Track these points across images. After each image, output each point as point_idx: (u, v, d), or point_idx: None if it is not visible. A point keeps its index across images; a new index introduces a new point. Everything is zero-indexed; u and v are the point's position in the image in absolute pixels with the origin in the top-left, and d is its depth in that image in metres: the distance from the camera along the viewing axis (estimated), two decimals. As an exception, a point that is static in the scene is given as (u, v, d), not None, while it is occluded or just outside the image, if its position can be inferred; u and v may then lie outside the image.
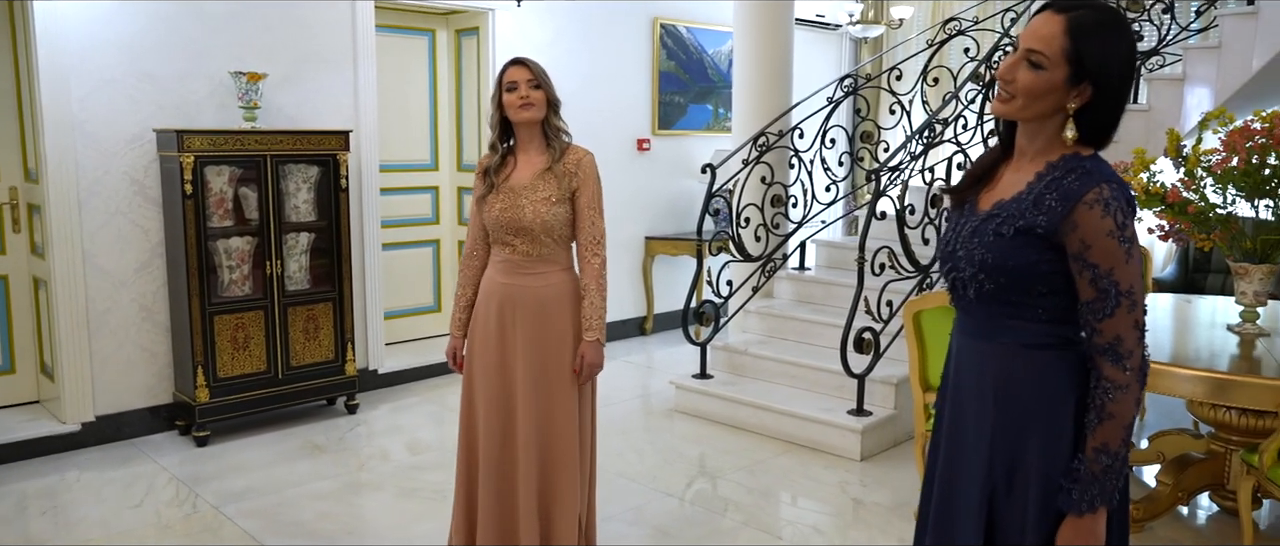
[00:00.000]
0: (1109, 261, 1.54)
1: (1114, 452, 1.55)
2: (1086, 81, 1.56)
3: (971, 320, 1.72)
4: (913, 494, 3.81)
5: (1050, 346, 1.63)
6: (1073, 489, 1.57)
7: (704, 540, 3.43)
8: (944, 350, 3.33)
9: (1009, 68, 1.62)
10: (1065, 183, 1.58)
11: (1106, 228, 1.53)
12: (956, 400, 1.75)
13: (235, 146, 4.33)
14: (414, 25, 5.72)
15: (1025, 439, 1.63)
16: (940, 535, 1.76)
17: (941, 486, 1.77)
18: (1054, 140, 1.64)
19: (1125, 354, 1.55)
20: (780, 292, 5.47)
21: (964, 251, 1.68)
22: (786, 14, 5.49)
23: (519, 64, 2.74)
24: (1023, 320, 1.64)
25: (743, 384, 4.87)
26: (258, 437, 4.49)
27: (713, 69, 6.97)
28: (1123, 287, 1.54)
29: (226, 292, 4.43)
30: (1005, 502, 1.66)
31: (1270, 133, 3.29)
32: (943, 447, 1.78)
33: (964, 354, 1.75)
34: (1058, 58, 1.56)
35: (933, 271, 4.56)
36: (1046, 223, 1.57)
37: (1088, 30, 1.55)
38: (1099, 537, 1.58)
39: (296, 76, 4.83)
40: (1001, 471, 1.66)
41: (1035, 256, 1.59)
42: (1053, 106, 1.59)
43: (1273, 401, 2.85)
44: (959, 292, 1.72)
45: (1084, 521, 1.57)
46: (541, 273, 2.75)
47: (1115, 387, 1.55)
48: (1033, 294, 1.61)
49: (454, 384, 5.44)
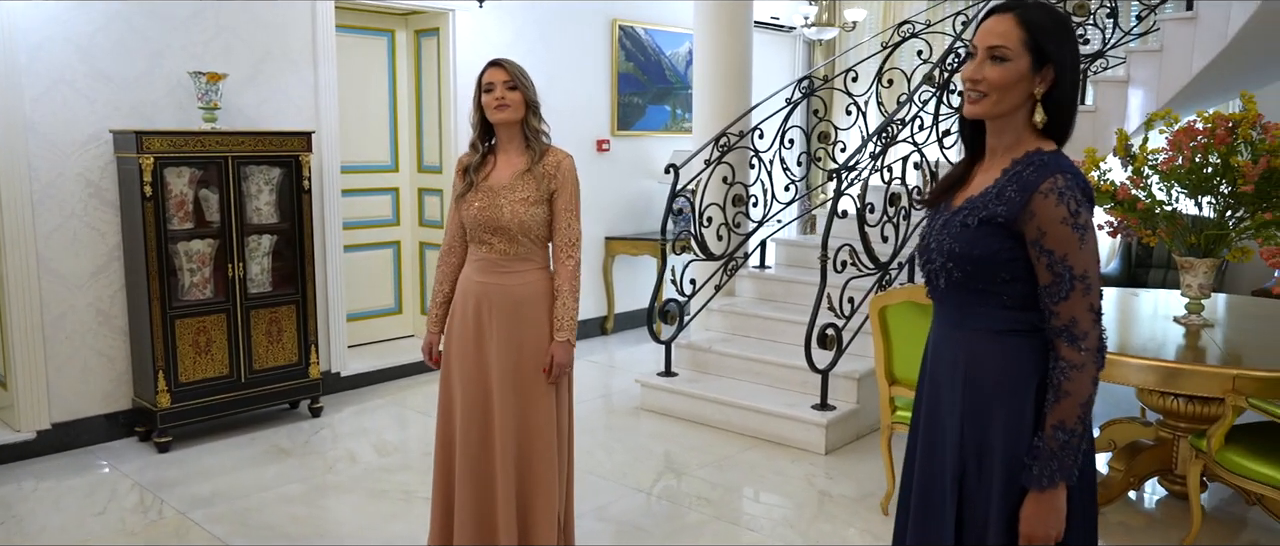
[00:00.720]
0: (1063, 247, 1.63)
1: (1070, 429, 1.64)
2: (1049, 65, 1.68)
3: (944, 310, 1.81)
4: (878, 485, 3.91)
5: (1015, 332, 1.71)
6: (1033, 465, 1.66)
7: (676, 535, 3.49)
8: (909, 344, 3.44)
9: (974, 69, 1.72)
10: (1024, 174, 1.68)
11: (1060, 215, 1.62)
12: (934, 388, 1.83)
13: (196, 147, 4.27)
14: (373, 26, 5.69)
15: (991, 420, 1.72)
16: (921, 519, 1.83)
17: (922, 472, 1.84)
18: (1022, 134, 1.73)
19: (1080, 335, 1.63)
20: (742, 290, 5.55)
21: (935, 244, 1.78)
22: (745, 15, 5.58)
23: (496, 65, 2.76)
24: (989, 307, 1.72)
25: (707, 381, 4.93)
26: (221, 442, 4.43)
27: (671, 70, 7.04)
28: (1076, 272, 1.63)
29: (187, 296, 4.37)
30: (975, 483, 1.74)
31: (1212, 133, 3.45)
32: (921, 435, 1.86)
33: (940, 343, 1.83)
34: (1019, 48, 1.67)
35: (891, 268, 4.68)
36: (1006, 212, 1.67)
37: (1040, 21, 1.68)
38: (1059, 512, 1.66)
39: (256, 77, 4.77)
40: (971, 452, 1.74)
41: (997, 245, 1.68)
42: (1022, 95, 1.70)
43: (1220, 388, 3.00)
44: (933, 283, 1.81)
45: (1045, 496, 1.65)
46: (518, 272, 2.78)
47: (1071, 367, 1.63)
48: (997, 281, 1.70)
49: (417, 385, 5.43)
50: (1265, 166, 3.30)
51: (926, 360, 1.89)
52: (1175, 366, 3.13)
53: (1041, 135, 1.73)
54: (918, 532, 1.83)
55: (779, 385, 4.75)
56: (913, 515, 1.85)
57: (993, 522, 1.70)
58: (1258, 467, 2.98)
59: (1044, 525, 1.65)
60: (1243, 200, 3.43)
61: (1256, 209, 3.43)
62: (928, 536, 1.81)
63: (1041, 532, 1.66)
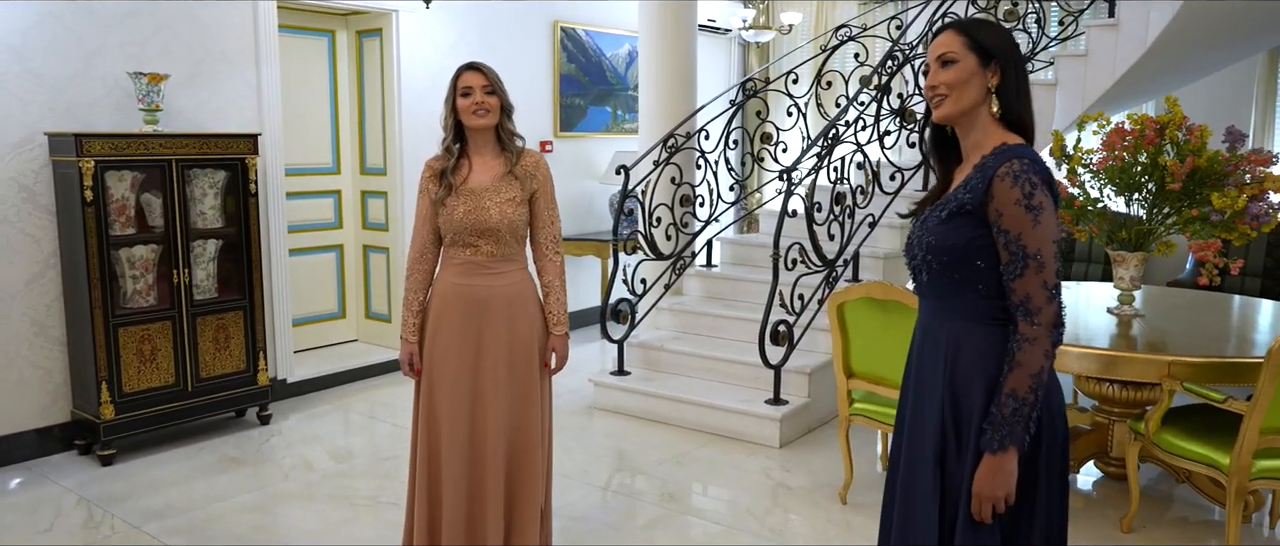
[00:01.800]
0: (1017, 226, 1.75)
1: (1022, 398, 1.75)
2: (994, 60, 1.84)
3: (929, 301, 1.93)
4: (835, 476, 4.03)
5: (992, 320, 1.83)
6: (987, 429, 1.78)
7: (644, 530, 3.54)
8: (866, 339, 3.56)
9: (931, 78, 1.88)
10: (986, 163, 1.81)
11: (1015, 197, 1.75)
12: (919, 374, 1.93)
13: (139, 150, 4.15)
14: (313, 25, 5.59)
15: (970, 400, 1.83)
16: (906, 495, 1.93)
17: (908, 452, 1.94)
18: (988, 129, 1.87)
19: (1034, 310, 1.75)
20: (689, 289, 5.63)
21: (917, 240, 1.91)
22: (690, 18, 5.67)
23: (473, 69, 2.77)
24: (968, 296, 1.85)
25: (660, 379, 5.00)
26: (167, 453, 4.31)
27: (611, 72, 7.09)
28: (1030, 250, 1.74)
29: (130, 303, 4.24)
30: (954, 459, 1.86)
31: (1141, 134, 3.67)
32: (907, 419, 1.96)
33: (926, 332, 1.93)
34: (963, 51, 1.85)
35: (837, 265, 4.82)
36: (971, 199, 1.80)
37: (976, 26, 1.88)
38: (1010, 474, 1.78)
39: (197, 77, 4.65)
40: (950, 430, 1.86)
41: (969, 233, 1.81)
42: (978, 91, 1.85)
43: (1156, 374, 3.19)
44: (917, 277, 1.93)
45: (996, 459, 1.77)
46: (505, 272, 2.79)
47: (1025, 340, 1.75)
48: (972, 269, 1.82)
49: (365, 390, 5.36)
50: (1191, 166, 3.52)
51: (913, 350, 2.00)
52: (1114, 354, 3.32)
53: (1007, 129, 1.86)
54: (903, 509, 1.93)
55: (731, 381, 4.85)
56: (898, 493, 1.95)
57: (966, 492, 1.82)
58: (1192, 447, 3.18)
59: (993, 485, 1.77)
60: (1169, 198, 3.66)
61: (1182, 206, 3.66)
62: (912, 512, 1.91)
63: (990, 492, 1.78)
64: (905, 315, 3.38)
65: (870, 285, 3.48)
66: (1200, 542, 3.47)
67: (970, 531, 1.84)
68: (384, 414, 4.95)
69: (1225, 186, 3.48)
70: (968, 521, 1.84)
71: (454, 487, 2.77)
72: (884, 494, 2.07)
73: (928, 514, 1.87)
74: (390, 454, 4.32)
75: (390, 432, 4.64)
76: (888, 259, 5.19)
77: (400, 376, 5.66)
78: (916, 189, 5.39)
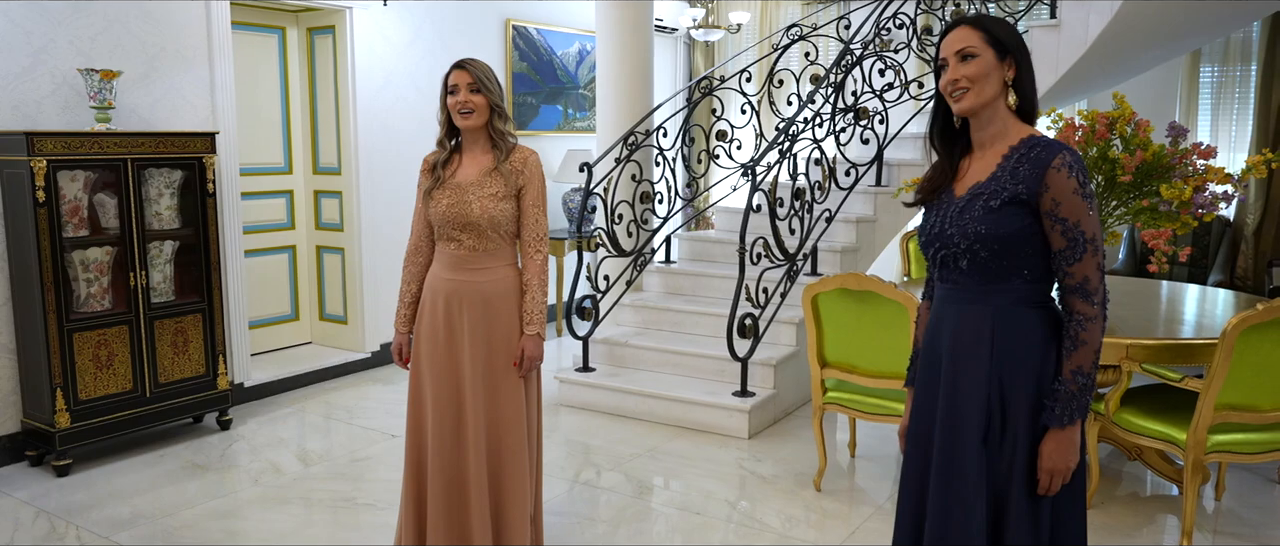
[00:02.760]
0: (1075, 214, 1.84)
1: (1087, 373, 1.86)
2: (1010, 55, 1.92)
3: (963, 289, 1.97)
4: (804, 463, 4.13)
5: (1034, 305, 1.92)
6: (1055, 406, 1.87)
7: (630, 522, 3.58)
8: (839, 329, 3.65)
9: (952, 72, 1.94)
10: (1032, 155, 1.89)
11: (1072, 187, 1.84)
12: (955, 362, 1.98)
13: (94, 150, 4.01)
14: (262, 22, 5.47)
15: (1016, 380, 1.91)
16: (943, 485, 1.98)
17: (945, 440, 1.99)
18: (1007, 122, 1.95)
19: (1092, 291, 1.85)
20: (649, 285, 5.68)
21: (955, 229, 1.94)
22: (647, 17, 5.72)
23: (460, 68, 2.76)
24: (1011, 282, 1.92)
25: (626, 374, 5.04)
26: (126, 462, 4.18)
27: (562, 70, 7.10)
28: (1088, 235, 1.85)
29: (84, 308, 4.10)
30: (997, 439, 1.93)
31: (1092, 129, 3.85)
32: (940, 407, 2.01)
33: (961, 319, 1.97)
34: (982, 45, 1.91)
35: (798, 259, 4.92)
36: (1026, 189, 1.87)
37: (991, 21, 1.95)
38: (1076, 445, 1.88)
39: (149, 75, 4.52)
40: (996, 409, 1.92)
41: (1021, 222, 1.88)
42: (997, 84, 1.92)
43: (1116, 356, 3.36)
44: (950, 266, 1.97)
45: (1065, 433, 1.87)
46: (487, 268, 2.80)
47: (1086, 319, 1.86)
48: (1020, 256, 1.90)
49: (322, 393, 5.28)
50: (1140, 159, 3.71)
51: (933, 340, 2.05)
52: (1074, 339, 3.48)
53: (1022, 121, 1.95)
54: (943, 495, 1.96)
55: (696, 375, 4.91)
56: (935, 480, 1.99)
57: (1019, 466, 1.90)
58: (1149, 424, 3.35)
59: (1064, 458, 1.87)
60: (1118, 190, 3.84)
61: (1130, 197, 3.85)
62: (955, 497, 1.94)
63: (1061, 465, 1.87)
64: (879, 305, 3.49)
65: (845, 277, 3.57)
66: (1154, 515, 3.66)
67: (1029, 505, 1.91)
68: (347, 416, 4.88)
69: (1172, 178, 3.68)
70: (1026, 496, 1.91)
71: (437, 479, 2.78)
72: (901, 484, 2.11)
73: (975, 496, 1.92)
74: (360, 456, 4.27)
75: (356, 434, 4.58)
76: (845, 252, 5.32)
77: (359, 378, 5.61)
78: (869, 185, 5.55)
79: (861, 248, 5.45)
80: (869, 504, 3.75)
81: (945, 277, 2.02)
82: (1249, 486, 3.87)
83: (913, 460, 2.10)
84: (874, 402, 3.68)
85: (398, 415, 4.87)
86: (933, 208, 2.04)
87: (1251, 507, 3.68)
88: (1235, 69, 6.53)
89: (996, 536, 1.97)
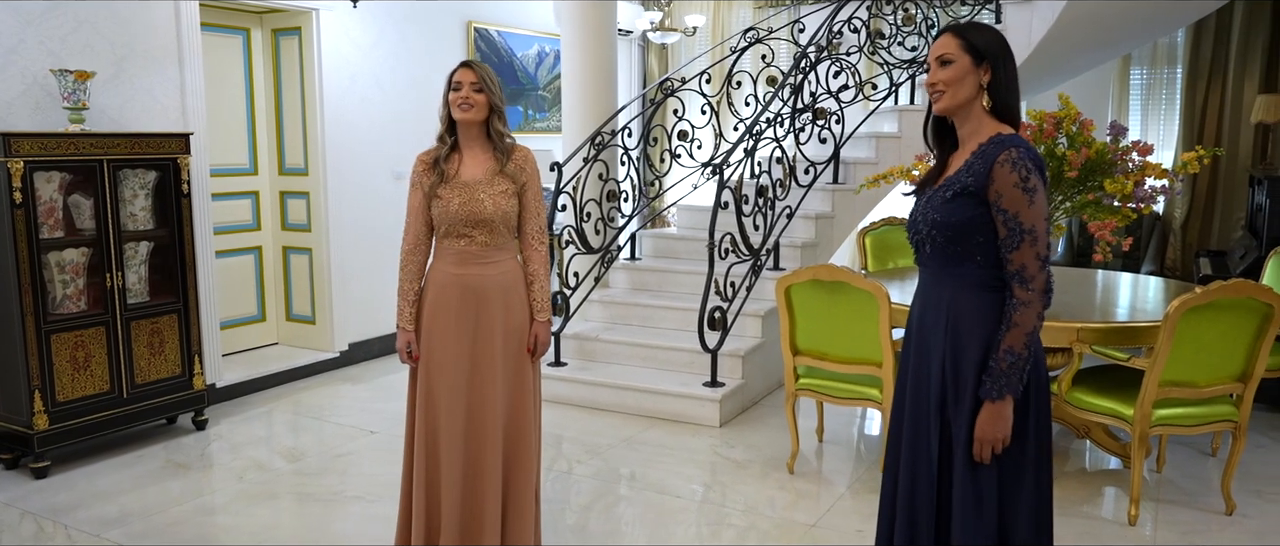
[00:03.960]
0: (1015, 206, 2.03)
1: (1017, 353, 2.05)
2: (986, 60, 2.11)
3: (930, 270, 2.19)
4: (775, 449, 4.32)
5: (987, 287, 2.11)
6: (987, 381, 2.07)
7: (614, 507, 3.72)
8: (811, 319, 3.85)
9: (931, 76, 2.15)
10: (987, 151, 2.09)
11: (1013, 180, 2.03)
12: (922, 336, 2.19)
13: (70, 151, 4.01)
14: (226, 23, 5.47)
15: (968, 355, 2.11)
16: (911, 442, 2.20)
17: (912, 405, 2.20)
18: (982, 121, 2.14)
19: (1028, 278, 2.04)
20: (616, 282, 5.82)
21: (922, 217, 2.16)
22: (611, 20, 5.86)
23: (466, 67, 2.86)
24: (966, 267, 2.12)
25: (597, 368, 5.17)
26: (105, 463, 4.18)
27: (522, 72, 7.20)
28: (1026, 226, 2.03)
29: (61, 309, 4.09)
30: (953, 408, 2.14)
31: (1041, 129, 4.10)
32: (910, 376, 2.22)
33: (927, 298, 2.20)
34: (958, 52, 2.11)
35: (762, 253, 5.11)
36: (974, 182, 2.07)
37: (971, 29, 2.15)
38: (1006, 420, 2.07)
39: (120, 76, 4.52)
40: (950, 382, 2.13)
41: (971, 211, 2.07)
42: (972, 87, 2.12)
43: (1067, 339, 3.61)
44: (921, 250, 2.19)
45: (995, 406, 2.06)
46: (498, 261, 2.90)
47: (1020, 303, 2.05)
48: (972, 243, 2.09)
49: (292, 393, 5.31)
50: (1085, 156, 3.98)
51: (913, 316, 2.26)
52: (1028, 324, 3.72)
53: (998, 120, 2.14)
54: (910, 452, 2.19)
55: (666, 367, 5.07)
56: (904, 441, 2.21)
57: (960, 437, 2.11)
58: (1099, 402, 3.61)
59: (993, 429, 2.06)
60: (1065, 185, 4.11)
61: (1076, 192, 4.12)
62: (918, 456, 2.17)
63: (990, 435, 2.07)
64: (851, 295, 3.69)
65: (817, 268, 3.76)
66: (1102, 487, 3.93)
67: (969, 472, 2.11)
68: (321, 414, 4.93)
69: (1114, 173, 3.95)
70: (966, 463, 2.11)
71: (452, 471, 2.86)
72: (886, 451, 2.31)
73: (930, 454, 2.14)
74: (341, 452, 4.33)
75: (334, 432, 4.63)
76: (805, 247, 5.53)
77: (329, 378, 5.65)
78: (827, 183, 5.77)
79: (820, 243, 5.67)
80: (840, 484, 3.95)
81: (919, 261, 2.24)
82: (1185, 458, 4.17)
83: (894, 421, 2.32)
84: (845, 388, 3.88)
85: (373, 412, 4.94)
86: (919, 199, 2.24)
87: (1189, 477, 3.97)
88: (1162, 72, 6.93)
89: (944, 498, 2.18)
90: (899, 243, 5.48)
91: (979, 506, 2.10)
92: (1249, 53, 6.55)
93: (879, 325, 3.65)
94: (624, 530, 3.53)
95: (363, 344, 5.99)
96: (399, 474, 3.96)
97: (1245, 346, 3.40)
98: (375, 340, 6.07)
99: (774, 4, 7.99)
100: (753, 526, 3.53)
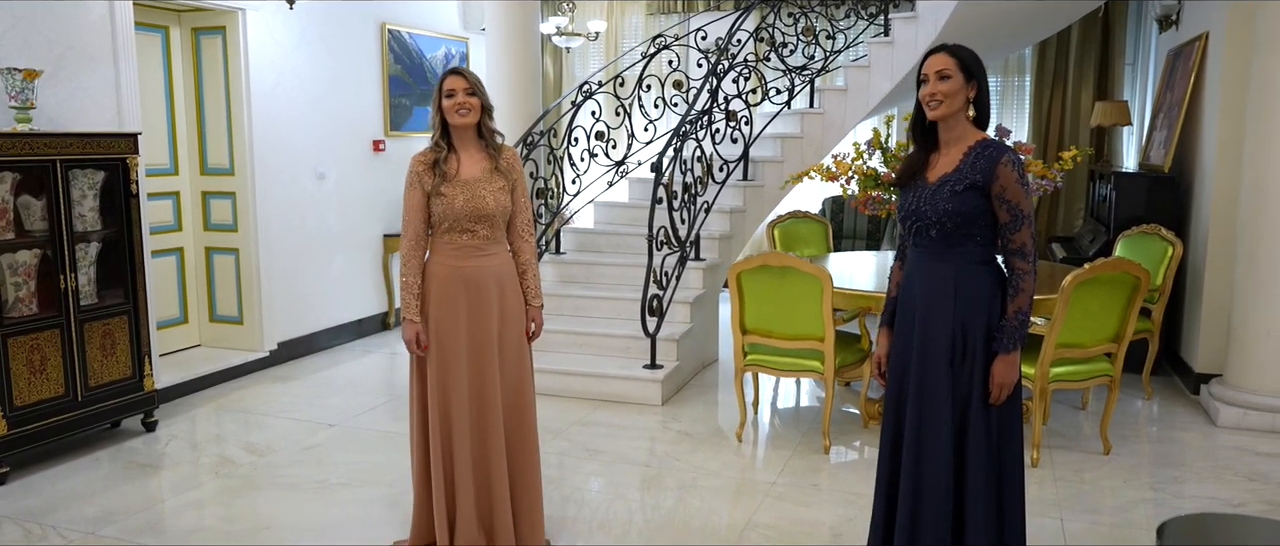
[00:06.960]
0: (1016, 197, 2.53)
1: (1024, 312, 2.55)
2: (973, 79, 2.58)
3: (932, 252, 2.63)
4: (720, 420, 4.75)
5: (984, 263, 2.60)
6: (1001, 336, 2.56)
7: (588, 480, 4.03)
8: (759, 301, 4.30)
9: (931, 87, 2.59)
10: (986, 153, 2.56)
11: (1014, 177, 2.53)
12: (927, 306, 2.64)
13: (22, 151, 3.94)
14: (145, 21, 5.36)
15: (972, 319, 2.58)
16: (918, 397, 2.64)
17: (919, 365, 2.64)
18: (966, 127, 2.61)
19: (1027, 253, 2.55)
20: (546, 275, 6.08)
21: (929, 207, 2.59)
22: (534, 21, 6.12)
23: (457, 74, 3.08)
24: (968, 247, 2.59)
25: (539, 356, 5.33)
26: (64, 466, 4.12)
27: (432, 73, 7.33)
28: (1025, 213, 2.54)
29: (14, 312, 4.00)
30: (960, 362, 2.60)
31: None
32: (915, 341, 2.66)
33: (930, 274, 2.63)
34: (955, 69, 2.57)
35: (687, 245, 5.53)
36: (981, 178, 2.54)
37: (961, 50, 2.61)
38: (1016, 366, 2.58)
39: (58, 74, 4.43)
40: (959, 340, 2.59)
41: (976, 202, 2.55)
42: (963, 99, 2.59)
43: (977, 312, 4.20)
44: (923, 234, 2.63)
45: (1009, 356, 2.56)
46: (496, 253, 3.16)
47: (1023, 273, 2.55)
48: (974, 227, 2.56)
49: (226, 393, 5.31)
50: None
51: (912, 292, 2.70)
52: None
53: (976, 127, 2.62)
54: (918, 405, 2.64)
55: (604, 353, 5.41)
56: (912, 398, 2.65)
57: (976, 383, 2.58)
58: (1003, 365, 4.22)
59: (1009, 374, 2.56)
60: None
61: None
62: (932, 402, 2.62)
63: (1008, 380, 2.56)
64: (798, 278, 4.15)
65: (767, 255, 4.20)
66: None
67: (982, 412, 2.58)
68: (267, 411, 4.97)
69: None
70: (981, 405, 2.58)
71: (463, 454, 3.09)
72: (884, 401, 2.76)
73: (944, 405, 2.58)
74: (308, 444, 4.43)
75: (292, 426, 4.71)
76: (722, 239, 5.98)
77: (259, 377, 5.67)
78: (738, 180, 6.25)
79: (735, 235, 6.15)
80: (787, 447, 4.41)
81: (918, 243, 2.67)
82: (1061, 414, 4.88)
83: (893, 381, 2.76)
84: (790, 361, 4.34)
85: (321, 407, 5.03)
86: (909, 190, 2.69)
87: (1068, 426, 4.67)
88: (1013, 79, 7.83)
89: (959, 436, 2.66)
90: (802, 233, 6.05)
91: (987, 440, 2.58)
92: (1084, 65, 7.52)
93: (822, 305, 4.13)
94: (620, 492, 3.85)
95: (291, 342, 6.01)
96: (376, 462, 4.19)
97: (1119, 312, 4.09)
98: (304, 338, 6.10)
99: (665, 11, 8.45)
100: (726, 485, 3.94)
